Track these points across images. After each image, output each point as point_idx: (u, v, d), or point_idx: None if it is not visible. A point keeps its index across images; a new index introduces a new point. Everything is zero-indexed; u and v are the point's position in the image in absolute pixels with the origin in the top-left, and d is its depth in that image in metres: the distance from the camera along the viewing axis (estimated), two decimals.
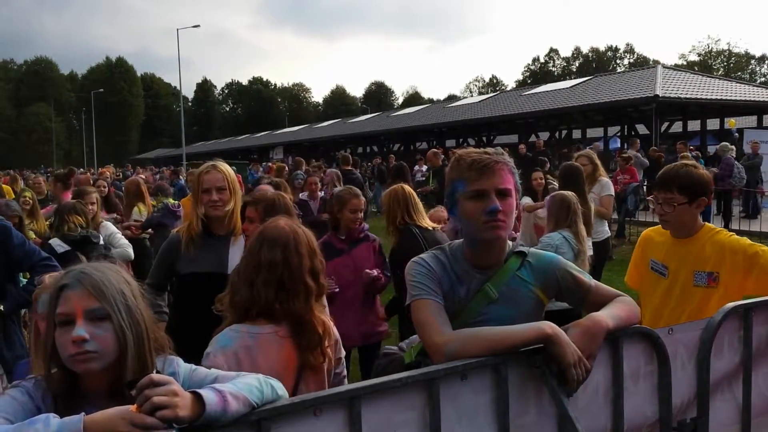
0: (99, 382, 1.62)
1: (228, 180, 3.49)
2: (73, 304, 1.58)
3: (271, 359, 2.24)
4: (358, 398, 1.62)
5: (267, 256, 2.29)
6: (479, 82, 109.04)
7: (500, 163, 2.07)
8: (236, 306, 2.31)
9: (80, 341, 1.54)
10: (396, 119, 42.23)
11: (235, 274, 2.38)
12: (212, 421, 1.41)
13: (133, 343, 1.60)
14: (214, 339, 2.28)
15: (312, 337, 2.32)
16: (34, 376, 1.66)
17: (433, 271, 2.11)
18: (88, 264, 1.68)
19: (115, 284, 1.62)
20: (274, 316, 2.29)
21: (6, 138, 79.03)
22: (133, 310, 1.62)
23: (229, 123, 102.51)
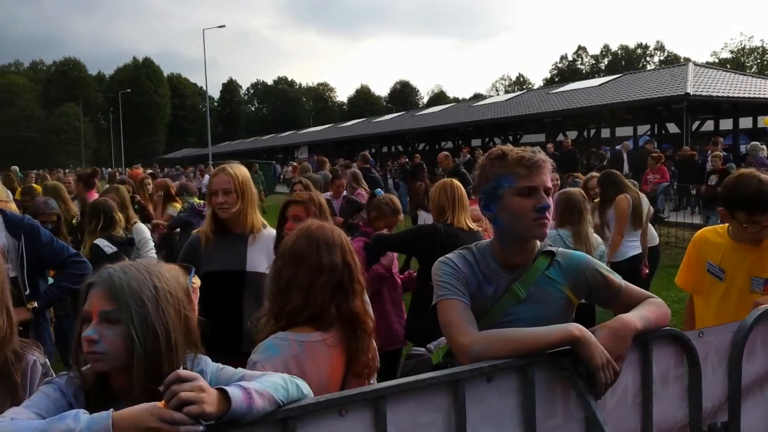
0: (123, 381, 1.64)
1: (235, 183, 3.52)
2: (92, 304, 1.62)
3: (320, 369, 2.17)
4: (384, 398, 1.62)
5: (328, 258, 2.21)
6: (506, 80, 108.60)
7: (546, 161, 2.07)
8: (288, 313, 2.19)
9: (90, 341, 1.58)
10: (421, 118, 42.13)
11: (282, 281, 2.23)
12: (238, 418, 1.41)
13: (144, 350, 1.59)
14: (260, 347, 2.16)
15: (363, 341, 2.27)
16: (67, 373, 1.69)
17: (459, 271, 2.09)
18: (121, 265, 1.69)
19: (135, 289, 1.62)
20: (324, 321, 2.21)
21: (36, 138, 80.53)
22: (150, 316, 1.61)
23: (255, 123, 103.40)
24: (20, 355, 1.76)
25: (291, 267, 2.21)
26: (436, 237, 4.24)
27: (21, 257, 3.42)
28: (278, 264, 2.27)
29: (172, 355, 1.64)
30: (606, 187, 6.24)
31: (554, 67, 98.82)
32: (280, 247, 2.31)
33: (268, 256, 3.40)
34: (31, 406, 1.54)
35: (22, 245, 3.42)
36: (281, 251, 2.29)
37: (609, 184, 6.23)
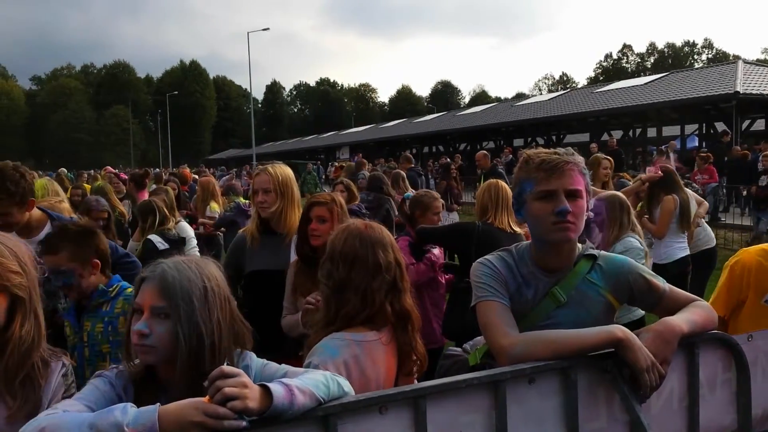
0: (170, 374, 1.69)
1: (275, 182, 3.56)
2: (144, 298, 1.67)
3: (378, 367, 2.16)
4: (424, 398, 1.62)
5: (383, 258, 2.20)
6: (549, 79, 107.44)
7: (570, 164, 2.02)
8: (344, 316, 2.16)
9: (140, 334, 1.63)
10: (462, 118, 41.94)
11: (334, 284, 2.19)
12: (279, 414, 1.44)
13: (187, 346, 1.63)
14: (316, 349, 2.12)
15: (413, 338, 2.27)
16: (116, 366, 1.75)
17: (498, 273, 2.08)
18: (174, 260, 1.73)
19: (187, 288, 1.66)
20: (379, 321, 2.19)
21: (87, 139, 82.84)
22: (196, 315, 1.65)
23: (297, 123, 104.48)
24: (47, 361, 1.80)
25: (345, 269, 2.18)
26: (473, 234, 4.25)
27: None
28: (328, 266, 2.23)
29: (215, 352, 1.67)
30: (655, 186, 6.10)
31: (599, 66, 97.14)
32: (328, 249, 2.26)
33: None
34: (82, 398, 1.60)
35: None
36: (329, 253, 2.24)
37: (658, 183, 6.09)
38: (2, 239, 1.73)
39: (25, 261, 1.76)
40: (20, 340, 1.69)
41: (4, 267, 1.66)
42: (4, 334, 1.67)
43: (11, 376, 1.66)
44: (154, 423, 1.35)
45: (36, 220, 3.45)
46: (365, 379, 2.08)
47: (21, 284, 1.71)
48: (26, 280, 1.72)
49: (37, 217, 3.47)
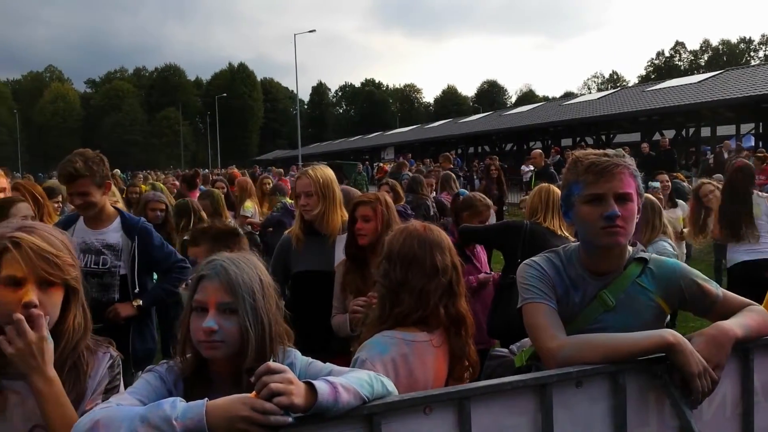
0: (224, 368, 1.73)
1: (317, 185, 3.61)
2: (208, 295, 1.70)
3: (427, 369, 2.15)
4: (468, 399, 1.62)
5: (441, 260, 2.19)
6: (598, 78, 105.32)
7: (620, 166, 1.98)
8: (397, 315, 2.16)
9: (209, 331, 1.66)
10: (509, 118, 41.53)
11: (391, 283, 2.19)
12: (324, 411, 1.46)
13: (255, 338, 1.68)
14: (366, 345, 2.13)
15: (466, 342, 2.26)
16: (167, 362, 1.80)
17: (546, 275, 2.06)
18: (230, 257, 1.78)
19: (248, 282, 1.71)
20: (432, 323, 2.19)
21: (139, 141, 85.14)
22: (259, 307, 1.70)
23: (342, 124, 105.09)
24: (93, 351, 1.84)
25: (402, 269, 2.17)
26: (520, 233, 4.23)
27: (133, 257, 3.64)
28: (385, 266, 2.23)
29: (274, 344, 1.73)
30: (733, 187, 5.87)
31: (650, 64, 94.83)
32: (385, 248, 2.27)
33: None
34: (134, 392, 1.65)
35: (135, 246, 3.64)
36: (387, 253, 2.24)
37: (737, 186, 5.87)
38: (52, 232, 1.76)
39: (73, 253, 1.79)
40: (73, 331, 1.74)
41: (63, 261, 1.70)
42: (59, 326, 1.72)
43: (61, 365, 1.71)
44: (201, 417, 1.38)
45: (107, 214, 3.67)
46: (413, 380, 2.08)
47: (77, 277, 1.75)
48: (78, 272, 1.77)
49: (109, 211, 3.68)
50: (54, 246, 1.70)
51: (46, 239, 1.70)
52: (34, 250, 1.65)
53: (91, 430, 1.42)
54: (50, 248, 1.68)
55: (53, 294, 1.70)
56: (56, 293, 1.71)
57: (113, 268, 3.60)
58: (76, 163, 3.41)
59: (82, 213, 3.60)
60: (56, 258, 1.68)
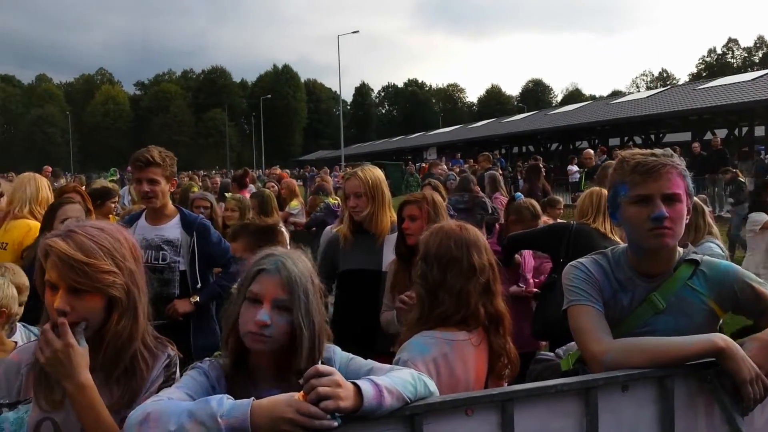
0: (266, 363, 1.75)
1: (366, 187, 3.62)
2: (265, 289, 1.72)
3: (468, 368, 2.15)
4: (511, 401, 1.61)
5: (478, 260, 2.19)
6: (647, 76, 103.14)
7: (668, 166, 1.94)
8: (437, 316, 2.16)
9: (261, 324, 1.68)
10: (554, 117, 40.94)
11: (429, 284, 2.19)
12: (369, 413, 1.46)
13: (307, 337, 1.69)
14: (407, 345, 2.13)
15: (505, 340, 2.27)
16: (210, 358, 1.83)
17: (592, 277, 2.03)
18: (288, 253, 1.80)
19: (304, 281, 1.73)
20: (471, 323, 2.19)
21: (187, 142, 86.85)
22: (312, 307, 1.72)
23: (385, 124, 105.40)
24: (154, 352, 1.85)
25: (440, 270, 2.17)
26: (565, 233, 4.17)
27: (192, 252, 3.72)
28: (422, 267, 2.22)
29: (322, 342, 1.74)
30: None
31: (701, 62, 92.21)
32: (421, 249, 2.27)
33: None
34: (183, 387, 1.68)
35: (194, 241, 3.73)
36: (424, 254, 2.24)
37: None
38: (96, 234, 1.72)
39: (123, 255, 1.74)
40: (115, 335, 1.73)
41: (95, 268, 1.66)
42: (101, 330, 1.72)
43: (110, 368, 1.73)
44: (246, 416, 1.40)
45: (168, 211, 3.80)
46: (454, 379, 2.08)
47: (114, 283, 1.70)
48: (122, 278, 1.72)
49: (170, 208, 3.81)
50: (88, 253, 1.66)
51: (80, 246, 1.66)
52: (62, 257, 1.63)
53: (143, 422, 1.46)
54: (80, 256, 1.64)
55: (88, 300, 1.67)
56: (92, 299, 1.68)
57: (173, 264, 3.68)
58: (153, 152, 3.62)
59: (145, 202, 3.73)
60: (85, 266, 1.64)
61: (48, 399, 1.71)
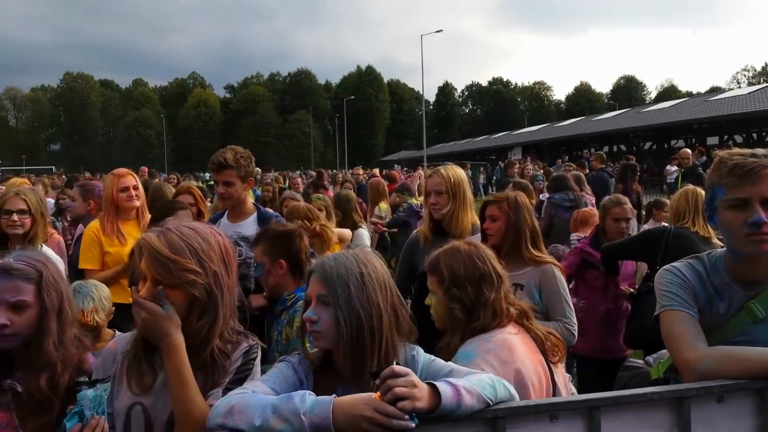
0: (344, 360, 1.77)
1: (447, 184, 3.60)
2: (311, 288, 1.80)
3: (516, 353, 2.15)
4: (598, 408, 1.57)
5: (499, 268, 2.32)
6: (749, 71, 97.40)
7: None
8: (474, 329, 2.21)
9: (309, 321, 1.75)
10: (648, 115, 39.48)
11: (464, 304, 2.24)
12: (447, 414, 1.47)
13: (348, 330, 1.71)
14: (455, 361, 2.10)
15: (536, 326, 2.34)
16: (299, 353, 1.88)
17: (687, 282, 1.94)
18: (335, 254, 1.85)
19: (343, 275, 1.75)
20: (502, 322, 2.24)
21: (273, 143, 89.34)
22: (353, 299, 1.73)
23: (468, 124, 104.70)
24: (235, 344, 1.91)
25: (474, 289, 2.24)
26: (661, 239, 4.02)
27: None
28: (454, 292, 2.25)
29: (375, 337, 1.73)
30: None
31: None
32: (446, 275, 2.29)
33: None
34: (268, 380, 1.74)
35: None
36: (451, 279, 2.27)
37: None
38: (187, 234, 1.82)
39: (210, 257, 1.81)
40: (193, 333, 1.80)
41: (178, 265, 1.75)
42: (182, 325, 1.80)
43: (190, 361, 1.80)
44: (328, 414, 1.43)
45: (247, 209, 4.00)
46: (510, 367, 2.09)
47: (195, 282, 1.77)
48: (204, 277, 1.78)
49: (248, 206, 4.01)
50: (175, 250, 1.76)
51: (169, 243, 1.76)
52: (151, 252, 1.75)
53: (228, 414, 1.52)
54: (167, 252, 1.74)
55: (170, 294, 1.76)
56: (173, 294, 1.77)
57: (248, 259, 3.81)
58: (227, 155, 3.78)
59: (223, 202, 3.89)
60: (170, 262, 1.74)
61: (139, 383, 1.82)
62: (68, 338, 2.06)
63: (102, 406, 1.77)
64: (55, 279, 2.08)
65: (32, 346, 1.98)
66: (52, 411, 1.94)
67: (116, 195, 4.23)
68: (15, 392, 1.97)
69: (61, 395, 1.98)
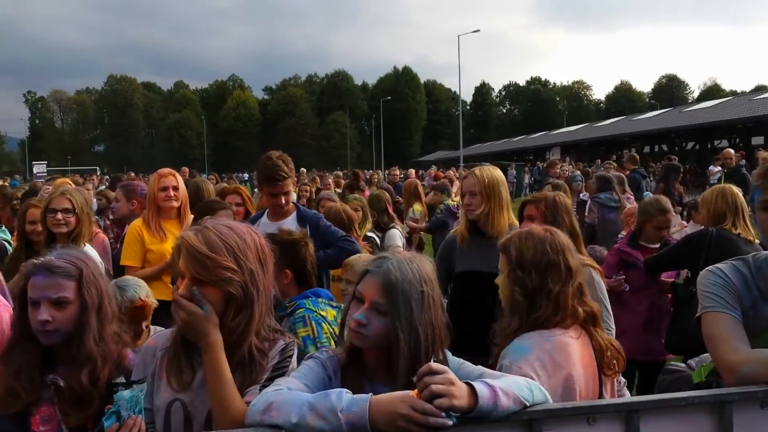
0: (376, 359, 1.79)
1: (482, 185, 3.59)
2: (367, 290, 1.78)
3: (573, 360, 2.10)
4: (637, 412, 1.54)
5: (573, 262, 2.19)
6: None
7: None
8: (535, 320, 2.14)
9: (359, 323, 1.74)
10: (690, 114, 38.60)
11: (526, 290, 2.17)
12: (484, 414, 1.46)
13: (407, 347, 1.70)
14: (507, 351, 2.11)
15: (602, 335, 2.23)
16: (327, 350, 1.90)
17: (730, 284, 1.90)
18: (399, 261, 1.81)
19: (407, 291, 1.73)
20: (567, 323, 2.16)
21: (310, 144, 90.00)
22: (415, 318, 1.72)
23: (505, 124, 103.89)
24: (272, 341, 1.92)
25: (539, 275, 2.16)
26: (704, 242, 3.91)
27: None
28: (519, 274, 2.19)
29: (429, 353, 1.73)
30: None
31: None
32: (514, 257, 2.23)
33: None
34: (300, 377, 1.76)
35: (308, 233, 3.92)
36: (518, 260, 2.21)
37: None
38: (225, 232, 1.84)
39: (246, 255, 1.83)
40: (229, 330, 1.82)
41: (216, 263, 1.78)
42: (221, 322, 1.83)
43: (229, 359, 1.82)
44: (365, 411, 1.44)
45: (288, 207, 4.10)
46: (563, 373, 2.04)
47: (231, 279, 1.79)
48: (241, 275, 1.80)
49: (289, 206, 4.12)
50: (212, 248, 1.78)
51: (207, 241, 1.79)
52: (189, 249, 1.77)
53: (266, 411, 1.54)
54: (204, 249, 1.77)
55: (208, 291, 1.79)
56: (211, 291, 1.79)
57: None
58: (283, 167, 3.89)
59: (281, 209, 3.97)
60: (207, 259, 1.76)
61: (178, 380, 1.85)
62: (108, 334, 2.11)
63: (139, 406, 1.80)
64: (95, 276, 2.13)
65: (73, 342, 2.04)
66: (93, 405, 1.99)
67: (157, 193, 4.33)
68: (57, 387, 2.02)
69: (101, 390, 2.02)
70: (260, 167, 3.97)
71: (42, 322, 1.98)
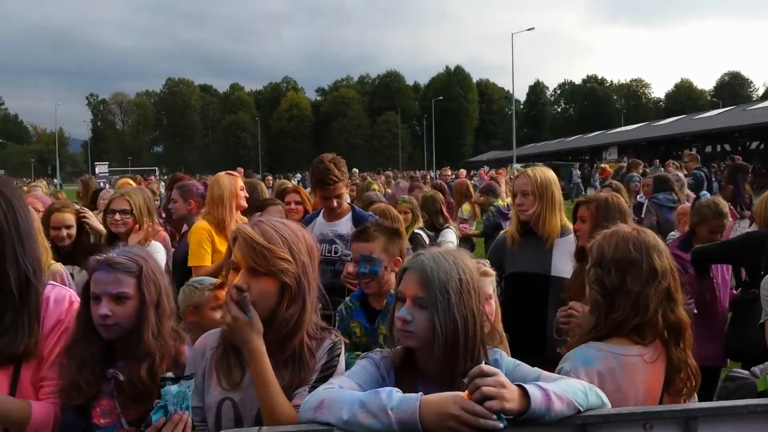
0: (428, 359, 1.78)
1: (534, 185, 3.54)
2: (406, 287, 1.79)
3: (637, 385, 2.01)
4: (696, 419, 1.51)
5: (660, 263, 2.06)
6: None
7: None
8: (612, 322, 2.05)
9: (403, 321, 1.74)
10: (755, 113, 37.18)
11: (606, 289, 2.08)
12: (536, 418, 1.44)
13: (444, 336, 1.70)
14: (571, 355, 2.06)
15: (685, 354, 2.12)
16: (381, 351, 1.91)
17: None
18: (433, 253, 1.82)
19: (444, 281, 1.73)
20: (648, 332, 2.05)
21: (361, 144, 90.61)
22: (453, 306, 1.72)
23: (560, 124, 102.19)
24: (319, 340, 1.94)
25: (618, 274, 2.05)
26: (766, 243, 3.74)
27: None
28: (598, 272, 2.11)
29: (469, 343, 1.73)
30: None
31: None
32: (595, 254, 2.15)
33: (572, 261, 3.35)
34: (353, 376, 1.77)
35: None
36: (598, 258, 2.12)
37: None
38: (279, 226, 1.90)
39: (299, 248, 1.88)
40: (283, 321, 1.86)
41: (273, 253, 1.82)
42: (272, 315, 1.86)
43: (278, 353, 1.86)
44: (415, 410, 1.44)
45: (343, 208, 4.16)
46: (621, 395, 1.95)
47: (287, 270, 1.83)
48: (295, 267, 1.85)
49: (344, 206, 4.18)
50: (269, 239, 1.83)
51: (264, 233, 1.84)
52: (247, 240, 1.82)
53: (317, 408, 1.56)
54: (262, 240, 1.82)
55: (263, 282, 1.82)
56: (266, 281, 1.83)
57: (344, 257, 3.92)
58: (335, 171, 3.92)
59: (334, 211, 4.05)
60: (265, 250, 1.81)
61: (228, 379, 1.89)
62: (166, 330, 2.16)
63: (186, 402, 1.82)
64: (155, 273, 2.19)
65: (132, 337, 2.10)
66: (151, 400, 2.05)
67: (237, 193, 4.42)
68: (117, 381, 2.08)
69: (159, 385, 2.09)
70: (313, 170, 4.03)
71: (102, 316, 2.05)
